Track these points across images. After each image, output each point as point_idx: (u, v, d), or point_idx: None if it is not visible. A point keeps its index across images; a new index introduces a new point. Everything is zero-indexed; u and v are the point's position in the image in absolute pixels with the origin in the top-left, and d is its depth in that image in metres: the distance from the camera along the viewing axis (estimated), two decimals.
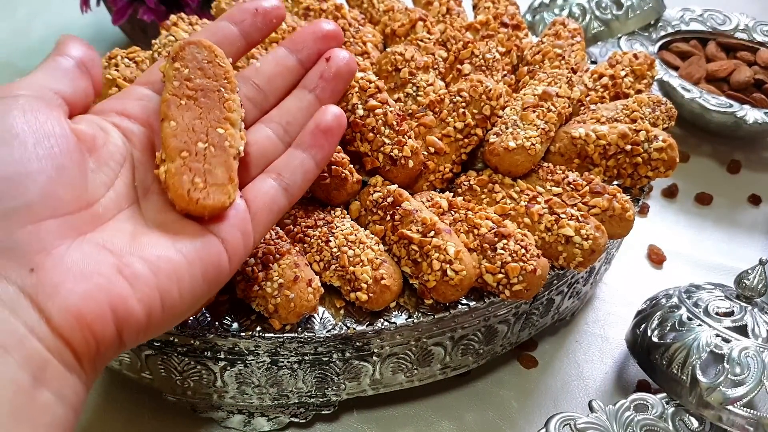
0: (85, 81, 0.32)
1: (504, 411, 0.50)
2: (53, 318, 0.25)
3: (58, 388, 0.25)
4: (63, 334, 0.25)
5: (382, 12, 0.62)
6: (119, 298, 0.26)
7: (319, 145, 0.36)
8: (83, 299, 0.25)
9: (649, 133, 0.47)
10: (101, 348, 0.26)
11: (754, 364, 0.43)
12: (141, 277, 0.27)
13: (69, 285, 0.25)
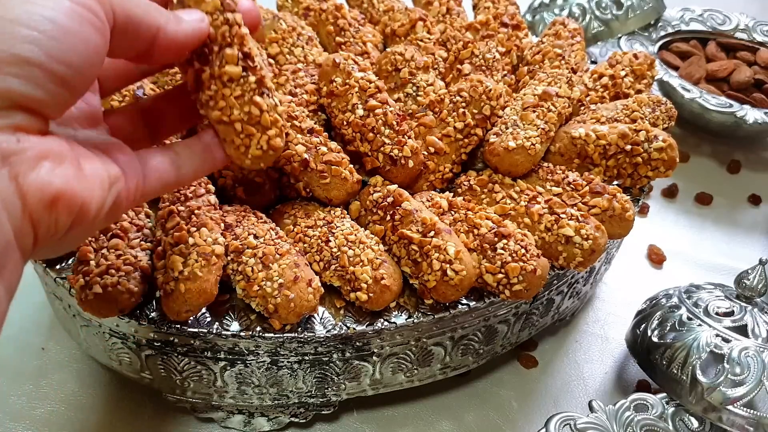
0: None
1: (504, 411, 0.50)
2: (29, 196, 0.24)
3: (10, 281, 0.24)
4: (33, 215, 0.24)
5: (382, 12, 0.62)
6: (88, 191, 0.26)
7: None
8: (63, 181, 0.24)
9: (649, 133, 0.47)
10: (49, 240, 0.25)
11: (754, 364, 0.43)
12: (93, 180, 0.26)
13: (49, 164, 0.24)
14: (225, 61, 0.32)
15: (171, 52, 0.30)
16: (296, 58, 0.55)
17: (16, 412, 0.47)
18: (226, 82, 0.32)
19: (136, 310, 0.40)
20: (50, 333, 0.52)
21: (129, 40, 0.28)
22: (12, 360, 0.50)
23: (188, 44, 0.31)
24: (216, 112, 0.33)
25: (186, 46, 0.31)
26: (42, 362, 0.50)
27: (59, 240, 0.26)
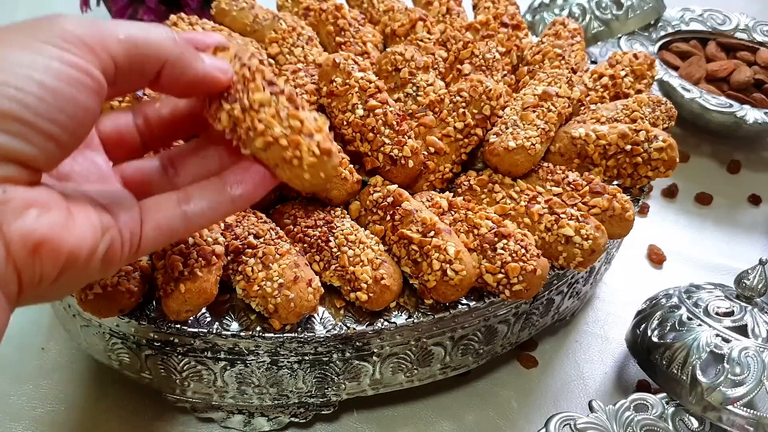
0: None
1: (504, 411, 0.50)
2: (12, 243, 0.24)
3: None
4: (17, 262, 0.24)
5: (382, 12, 0.62)
6: (76, 239, 0.26)
7: (241, 180, 0.33)
8: (48, 228, 0.25)
9: (649, 133, 0.47)
10: (36, 287, 0.26)
11: (754, 364, 0.43)
12: (84, 229, 0.27)
13: (35, 212, 0.25)
14: (252, 93, 0.32)
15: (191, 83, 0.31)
16: (296, 58, 0.55)
17: (16, 412, 0.47)
18: (259, 108, 0.32)
19: (136, 310, 0.40)
20: (50, 333, 0.52)
21: (135, 74, 0.29)
22: (12, 360, 0.50)
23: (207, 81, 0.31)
24: (258, 139, 0.32)
25: (205, 82, 0.31)
26: (42, 362, 0.50)
27: (50, 288, 0.26)
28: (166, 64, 0.29)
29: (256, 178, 0.33)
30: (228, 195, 0.33)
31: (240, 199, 0.33)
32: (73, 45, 0.26)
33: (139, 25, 0.29)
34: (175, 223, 0.32)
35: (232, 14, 0.58)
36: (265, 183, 0.33)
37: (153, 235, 0.31)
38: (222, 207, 0.33)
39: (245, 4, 0.59)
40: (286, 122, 0.32)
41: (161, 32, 0.29)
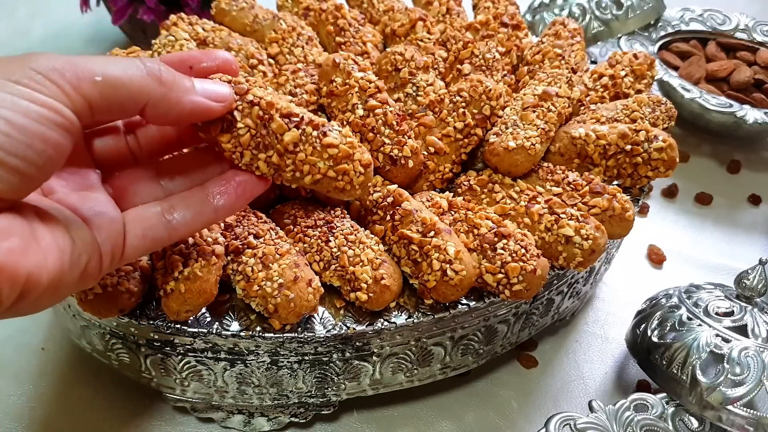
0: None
1: (504, 411, 0.50)
2: None
3: None
4: None
5: (382, 12, 0.62)
6: (35, 263, 0.26)
7: (225, 192, 0.34)
8: (4, 255, 0.25)
9: (649, 133, 0.47)
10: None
11: (754, 364, 0.43)
12: (50, 251, 0.27)
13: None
14: (280, 135, 0.33)
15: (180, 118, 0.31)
16: (296, 58, 0.55)
17: (16, 412, 0.47)
18: (293, 149, 0.34)
19: (136, 310, 0.40)
20: (50, 333, 0.52)
21: (114, 112, 0.29)
22: (12, 360, 0.50)
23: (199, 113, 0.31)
24: (307, 177, 0.35)
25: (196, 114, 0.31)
26: (41, 362, 0.50)
27: (13, 309, 0.27)
28: (149, 104, 0.29)
29: (239, 189, 0.34)
30: (211, 205, 0.34)
31: (223, 209, 0.34)
32: (44, 84, 0.26)
33: (120, 65, 0.28)
34: (159, 232, 0.33)
35: (232, 14, 0.58)
36: (247, 194, 0.34)
37: (137, 244, 0.32)
38: (205, 216, 0.34)
39: (245, 4, 0.59)
40: (325, 153, 0.35)
41: (142, 72, 0.29)
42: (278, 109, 0.34)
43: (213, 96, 0.32)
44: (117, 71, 0.28)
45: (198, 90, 0.31)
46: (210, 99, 0.31)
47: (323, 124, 0.35)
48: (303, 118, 0.34)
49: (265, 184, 0.35)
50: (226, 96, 0.32)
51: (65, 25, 0.89)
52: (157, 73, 0.29)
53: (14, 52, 0.85)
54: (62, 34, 0.88)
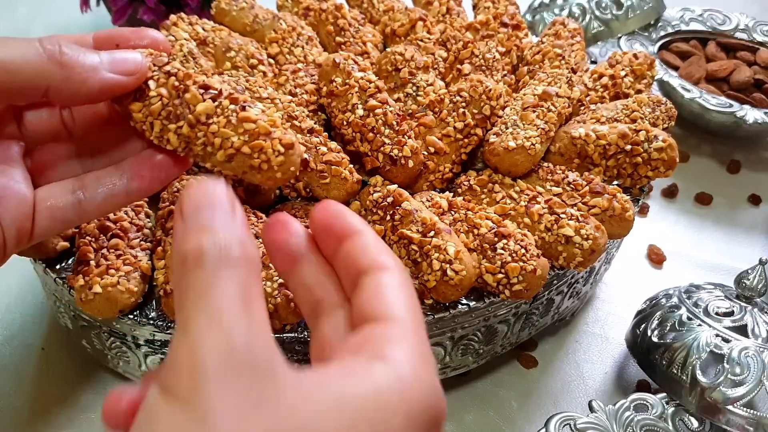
0: None
1: (504, 411, 0.50)
2: None
3: None
4: None
5: (382, 12, 0.62)
6: None
7: (139, 176, 0.32)
8: None
9: (649, 133, 0.47)
10: None
11: (754, 364, 0.43)
12: None
13: None
14: (192, 106, 0.31)
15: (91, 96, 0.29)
16: (296, 58, 0.55)
17: (16, 413, 0.47)
18: (206, 120, 0.31)
19: (136, 310, 0.40)
20: (50, 333, 0.52)
21: (13, 98, 0.28)
22: (12, 360, 0.50)
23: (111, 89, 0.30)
24: (218, 153, 0.31)
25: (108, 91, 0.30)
26: (41, 362, 0.50)
27: None
28: (51, 88, 0.28)
29: (154, 171, 0.32)
30: (123, 187, 0.32)
31: (137, 192, 0.32)
32: None
33: (16, 48, 0.27)
34: (68, 213, 0.32)
35: (232, 14, 0.58)
36: (161, 176, 0.32)
37: (45, 225, 0.31)
38: (117, 199, 0.32)
39: (245, 3, 0.59)
40: (240, 128, 0.31)
41: (40, 56, 0.27)
42: (195, 81, 0.31)
43: (123, 69, 0.30)
44: (12, 55, 0.26)
45: (107, 64, 0.29)
46: (121, 73, 0.30)
47: (245, 100, 0.32)
48: (222, 92, 0.32)
49: (181, 166, 0.33)
50: (138, 66, 0.30)
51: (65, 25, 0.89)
52: (57, 56, 0.28)
53: None
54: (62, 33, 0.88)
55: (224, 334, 0.20)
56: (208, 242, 0.21)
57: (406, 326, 0.23)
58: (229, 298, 0.21)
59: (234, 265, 0.21)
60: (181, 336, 0.20)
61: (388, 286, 0.24)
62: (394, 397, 0.20)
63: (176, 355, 0.20)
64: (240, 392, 0.19)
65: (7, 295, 0.54)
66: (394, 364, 0.21)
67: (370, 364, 0.21)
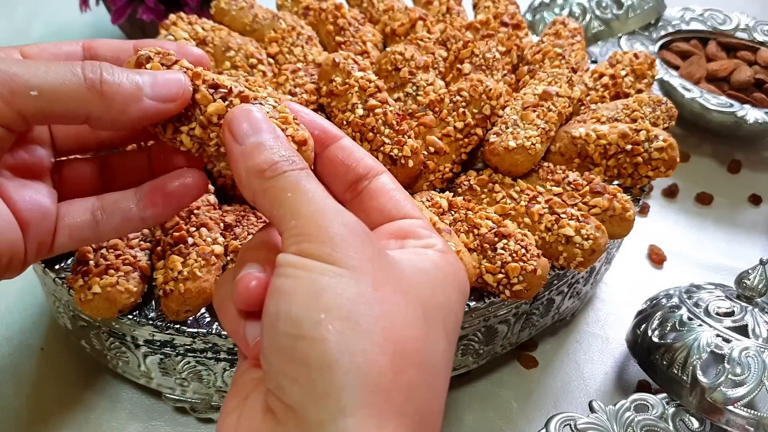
0: None
1: (504, 411, 0.50)
2: None
3: None
4: None
5: (381, 11, 0.62)
6: None
7: (153, 203, 0.33)
8: None
9: (650, 133, 0.47)
10: None
11: (755, 364, 0.43)
12: None
13: None
14: (203, 106, 0.30)
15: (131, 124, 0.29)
16: (296, 57, 0.55)
17: (16, 413, 0.47)
18: (218, 121, 0.30)
19: (136, 310, 0.39)
20: (49, 333, 0.52)
21: (54, 122, 0.29)
22: (11, 360, 0.50)
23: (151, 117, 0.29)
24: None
25: (149, 119, 0.29)
26: (41, 362, 0.50)
27: None
28: (91, 117, 0.28)
29: (167, 199, 0.33)
30: (138, 213, 0.33)
31: (150, 219, 0.33)
32: None
33: (59, 75, 0.27)
34: (85, 232, 0.32)
35: (232, 13, 0.58)
36: (174, 204, 0.33)
37: (64, 242, 0.32)
38: (132, 224, 0.33)
39: (244, 3, 0.59)
40: None
41: (81, 85, 0.27)
42: (205, 80, 0.31)
43: (166, 94, 0.29)
44: (53, 83, 0.27)
45: (149, 89, 0.29)
46: (164, 98, 0.29)
47: (256, 98, 0.32)
48: (231, 90, 0.31)
49: (197, 191, 0.33)
50: (182, 90, 0.29)
51: (64, 24, 0.89)
52: (97, 86, 0.27)
53: None
54: (61, 33, 0.88)
55: (339, 211, 0.25)
56: (276, 155, 0.27)
57: (426, 221, 0.30)
58: (321, 189, 0.26)
59: (304, 169, 0.27)
60: (293, 218, 0.25)
61: (392, 189, 0.30)
62: (449, 273, 0.27)
63: (302, 228, 0.24)
64: (371, 255, 0.24)
65: (7, 295, 0.54)
66: (439, 249, 0.28)
67: (425, 250, 0.28)
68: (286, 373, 0.23)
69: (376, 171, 0.31)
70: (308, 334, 0.22)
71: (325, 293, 0.23)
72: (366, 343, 0.22)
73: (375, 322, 0.23)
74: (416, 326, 0.24)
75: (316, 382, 0.22)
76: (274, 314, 0.23)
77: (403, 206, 0.30)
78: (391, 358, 0.23)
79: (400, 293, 0.24)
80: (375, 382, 0.22)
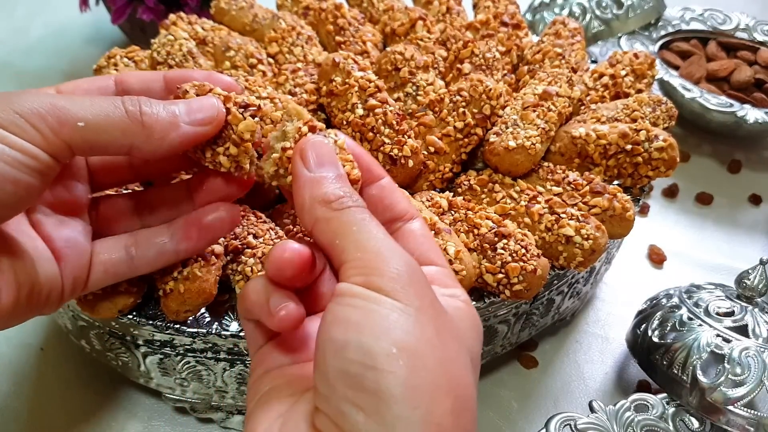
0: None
1: (504, 411, 0.50)
2: None
3: None
4: None
5: (381, 11, 0.62)
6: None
7: (187, 237, 0.34)
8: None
9: (650, 133, 0.47)
10: None
11: (755, 364, 0.43)
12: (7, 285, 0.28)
13: None
14: (234, 126, 0.32)
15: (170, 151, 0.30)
16: (296, 57, 0.55)
17: (15, 413, 0.47)
18: (251, 137, 0.32)
19: (135, 310, 0.39)
20: (49, 333, 0.52)
21: (98, 153, 0.29)
22: (11, 360, 0.50)
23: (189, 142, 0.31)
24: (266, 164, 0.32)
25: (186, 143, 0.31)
26: (41, 363, 0.50)
27: None
28: (133, 146, 0.29)
29: (202, 233, 0.34)
30: (173, 247, 0.34)
31: (184, 252, 0.35)
32: (24, 128, 0.26)
33: (103, 109, 0.28)
34: (122, 268, 0.34)
35: (231, 13, 0.58)
36: (208, 237, 0.35)
37: (99, 278, 0.33)
38: (166, 257, 0.35)
39: (244, 3, 0.59)
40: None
41: (123, 116, 0.28)
42: (236, 103, 0.32)
43: (202, 119, 0.31)
44: (97, 115, 0.28)
45: (185, 116, 0.30)
46: (199, 123, 0.31)
47: (321, 129, 0.33)
48: (260, 107, 0.33)
49: (231, 224, 0.34)
50: (216, 113, 0.31)
51: (64, 24, 0.89)
52: (138, 117, 0.29)
53: (14, 51, 0.86)
54: (61, 33, 0.88)
55: (403, 252, 0.26)
56: (341, 191, 0.28)
57: (449, 270, 0.31)
58: (383, 229, 0.27)
59: (365, 208, 0.28)
60: (358, 251, 0.26)
61: (424, 235, 0.31)
62: (477, 324, 0.29)
63: (369, 262, 0.25)
64: (431, 299, 0.25)
65: None
66: (463, 300, 0.29)
67: (451, 299, 0.29)
68: (352, 401, 0.23)
69: (411, 215, 0.32)
70: (380, 366, 0.23)
71: (396, 329, 0.23)
72: (433, 383, 0.23)
73: (439, 364, 0.23)
74: (469, 374, 0.25)
75: (384, 413, 0.22)
76: (342, 342, 0.24)
77: (430, 253, 0.31)
78: (453, 402, 0.23)
79: (456, 340, 0.25)
80: (438, 422, 0.23)
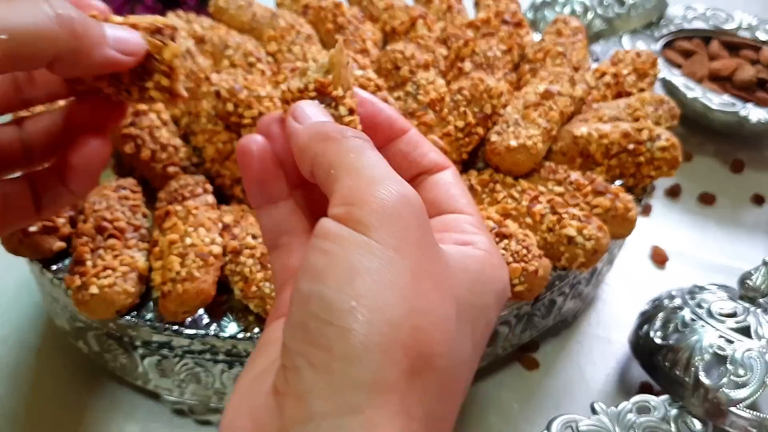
0: None
1: (505, 413, 0.49)
2: None
3: None
4: None
5: (381, 9, 0.62)
6: None
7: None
8: None
9: (652, 132, 0.47)
10: None
11: (758, 365, 0.43)
12: None
13: None
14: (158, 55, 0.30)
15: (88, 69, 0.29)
16: (295, 56, 0.54)
17: (12, 414, 0.47)
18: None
19: (133, 311, 0.39)
20: (46, 334, 0.52)
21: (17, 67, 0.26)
22: (8, 361, 0.50)
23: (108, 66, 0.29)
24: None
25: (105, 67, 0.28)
26: (38, 364, 0.50)
27: None
28: (56, 57, 0.26)
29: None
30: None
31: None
32: None
33: (29, 15, 0.25)
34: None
35: (230, 12, 0.58)
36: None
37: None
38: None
39: (243, 1, 0.58)
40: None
41: (52, 23, 0.25)
42: (146, 29, 0.30)
43: (124, 49, 0.28)
44: (24, 22, 0.25)
45: (110, 41, 0.28)
46: (121, 53, 0.28)
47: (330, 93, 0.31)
48: (174, 28, 0.31)
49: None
50: (138, 49, 0.29)
51: None
52: (70, 24, 0.26)
53: None
54: None
55: (401, 183, 0.24)
56: (342, 128, 0.26)
57: (479, 218, 0.28)
58: (385, 161, 0.25)
59: (368, 142, 0.26)
60: (350, 178, 0.24)
61: (450, 183, 0.29)
62: (491, 275, 0.26)
63: (355, 193, 0.23)
64: (417, 239, 0.23)
65: (3, 295, 0.54)
66: (483, 248, 0.27)
67: (465, 246, 0.26)
68: (306, 356, 0.22)
69: (441, 166, 0.30)
70: (336, 322, 0.21)
71: (359, 277, 0.22)
72: (392, 340, 0.21)
73: (406, 317, 0.22)
74: (445, 329, 0.23)
75: (333, 373, 0.21)
76: (306, 293, 0.22)
77: (456, 201, 0.29)
78: (413, 361, 0.22)
79: (437, 290, 0.23)
80: (391, 384, 0.21)
